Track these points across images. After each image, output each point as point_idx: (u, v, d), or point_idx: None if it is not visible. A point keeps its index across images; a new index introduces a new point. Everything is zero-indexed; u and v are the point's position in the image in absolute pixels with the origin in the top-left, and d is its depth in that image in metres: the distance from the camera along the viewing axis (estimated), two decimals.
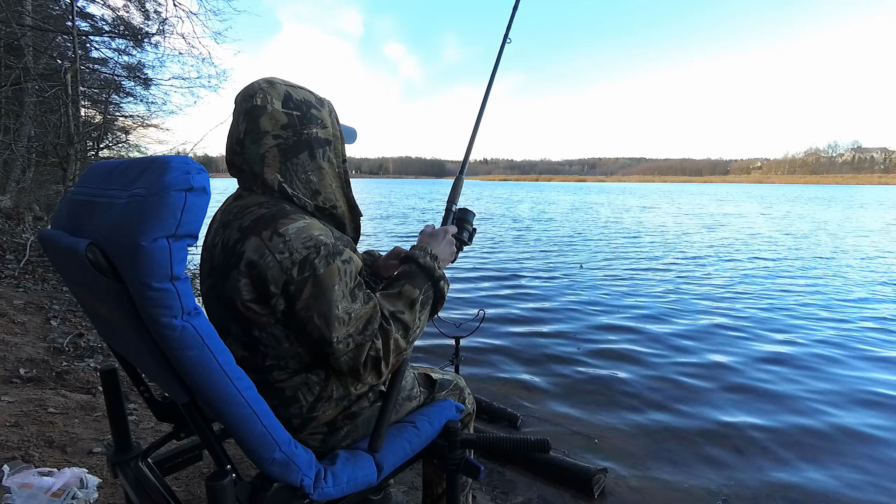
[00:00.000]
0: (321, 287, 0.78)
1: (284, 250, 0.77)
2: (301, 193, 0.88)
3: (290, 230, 0.78)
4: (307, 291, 0.78)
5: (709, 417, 2.46)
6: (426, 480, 1.30)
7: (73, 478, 1.40)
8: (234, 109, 0.89)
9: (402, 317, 0.88)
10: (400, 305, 0.90)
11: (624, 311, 4.45)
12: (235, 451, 1.65)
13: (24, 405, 1.98)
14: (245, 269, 0.78)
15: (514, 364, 3.15)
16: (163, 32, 6.79)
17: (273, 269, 0.77)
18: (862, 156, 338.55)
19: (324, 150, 0.91)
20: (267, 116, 0.84)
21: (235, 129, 0.87)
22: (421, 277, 0.94)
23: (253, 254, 0.77)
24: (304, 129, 0.88)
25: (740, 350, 3.44)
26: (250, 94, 0.86)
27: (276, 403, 0.86)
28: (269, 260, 0.77)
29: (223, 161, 0.92)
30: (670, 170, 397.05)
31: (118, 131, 8.90)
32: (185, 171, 0.60)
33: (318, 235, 0.80)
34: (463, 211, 1.19)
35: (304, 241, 0.78)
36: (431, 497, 1.29)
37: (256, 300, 0.80)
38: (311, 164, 0.89)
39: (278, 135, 0.85)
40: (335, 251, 0.80)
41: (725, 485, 1.91)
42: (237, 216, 0.83)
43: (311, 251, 0.78)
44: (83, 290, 0.77)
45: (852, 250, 8.62)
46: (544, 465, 1.94)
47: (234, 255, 0.80)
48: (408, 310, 0.90)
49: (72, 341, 2.81)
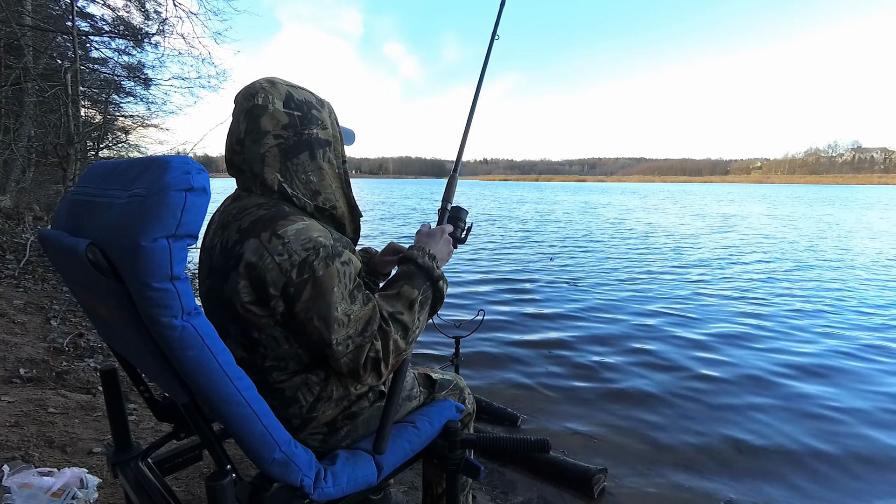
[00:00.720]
0: (320, 289, 0.78)
1: (283, 252, 0.77)
2: (301, 194, 0.88)
3: (290, 232, 0.78)
4: (306, 293, 0.78)
5: (710, 418, 2.46)
6: (426, 480, 1.30)
7: (73, 478, 1.40)
8: (235, 108, 0.88)
9: (402, 317, 0.88)
10: (399, 306, 0.89)
11: (626, 311, 4.45)
12: (235, 451, 1.65)
13: (24, 405, 1.98)
14: (244, 270, 0.78)
15: (514, 364, 3.15)
16: (163, 32, 6.80)
17: (272, 271, 0.77)
18: (862, 156, 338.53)
19: (324, 151, 0.91)
20: (268, 116, 0.84)
21: (236, 129, 0.87)
22: (420, 278, 0.94)
23: (252, 256, 0.77)
24: (305, 129, 0.87)
25: (741, 350, 3.44)
26: (251, 93, 0.85)
27: (276, 404, 0.86)
28: (268, 262, 0.77)
29: (223, 161, 0.92)
30: (670, 170, 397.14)
31: (118, 131, 8.90)
32: (185, 171, 0.60)
33: (318, 237, 0.80)
34: (456, 209, 1.19)
35: (303, 243, 0.78)
36: (431, 497, 1.29)
37: (255, 302, 0.80)
38: (312, 164, 0.89)
39: (279, 135, 0.85)
40: (334, 253, 0.80)
41: (726, 486, 1.91)
42: (236, 217, 0.83)
43: (310, 253, 0.78)
44: (83, 290, 0.77)
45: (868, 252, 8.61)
46: (544, 465, 1.94)
47: (232, 257, 0.79)
48: (407, 310, 0.89)
49: (72, 341, 2.81)
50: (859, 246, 9.27)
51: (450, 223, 1.16)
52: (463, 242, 1.17)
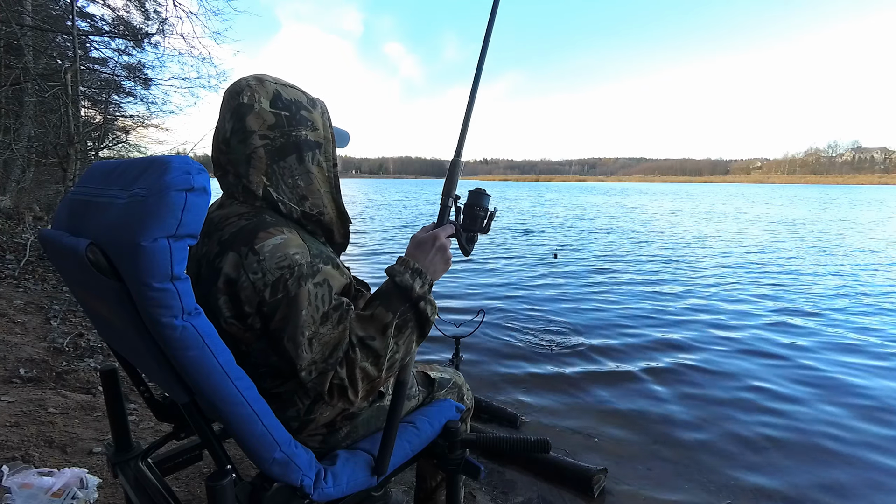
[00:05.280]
0: (291, 310, 0.75)
1: (258, 271, 0.75)
2: (287, 199, 0.85)
3: (266, 248, 0.75)
4: (279, 314, 0.76)
5: (711, 418, 2.46)
6: (419, 474, 1.30)
7: (73, 478, 1.40)
8: (222, 106, 0.85)
9: (372, 343, 0.81)
10: (371, 330, 0.82)
11: (628, 312, 4.45)
12: (235, 451, 1.65)
13: (24, 405, 1.98)
14: (223, 286, 0.77)
15: (514, 364, 3.15)
16: (163, 32, 6.81)
17: (247, 289, 0.75)
18: (862, 156, 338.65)
19: (313, 154, 0.87)
20: (253, 115, 0.81)
21: (222, 127, 0.84)
22: (397, 299, 0.84)
23: (231, 271, 0.76)
24: (293, 130, 0.84)
25: (743, 351, 3.44)
26: (237, 90, 0.82)
27: (274, 407, 0.86)
28: (243, 280, 0.75)
29: None
30: (670, 170, 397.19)
31: (118, 131, 8.91)
32: (185, 171, 0.60)
33: (294, 254, 0.77)
34: (476, 196, 0.98)
35: (278, 261, 0.75)
36: (425, 491, 1.29)
37: (235, 317, 0.79)
38: (300, 167, 0.85)
39: (265, 135, 0.82)
40: (309, 273, 0.77)
41: (727, 486, 1.91)
42: (218, 227, 0.81)
43: (284, 272, 0.75)
44: (83, 290, 0.77)
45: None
46: (544, 465, 1.94)
47: (213, 270, 0.78)
48: (379, 335, 0.82)
49: (72, 341, 2.81)
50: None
51: (465, 213, 0.98)
52: (485, 232, 0.99)
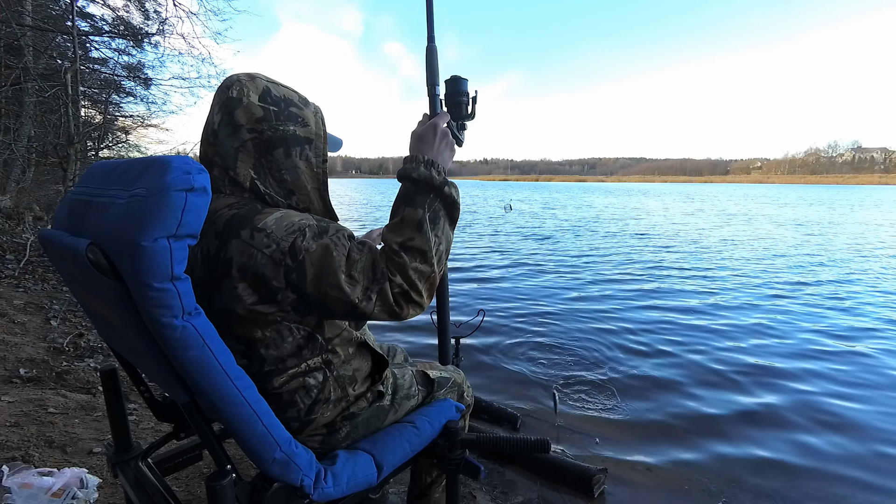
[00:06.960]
0: (321, 263, 0.76)
1: (270, 243, 0.75)
2: (274, 192, 0.86)
3: (269, 223, 0.76)
4: (310, 272, 0.76)
5: (711, 419, 2.46)
6: (414, 469, 1.29)
7: (73, 478, 1.40)
8: (212, 100, 0.86)
9: (413, 243, 0.83)
10: (407, 232, 0.83)
11: (629, 313, 4.45)
12: (235, 451, 1.65)
13: (24, 405, 1.98)
14: (238, 274, 0.76)
15: (514, 364, 3.15)
16: (163, 32, 6.80)
17: (267, 266, 0.75)
18: (862, 156, 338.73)
19: (301, 149, 0.87)
20: (242, 109, 0.82)
21: (211, 120, 0.85)
22: (421, 193, 0.86)
23: (241, 257, 0.75)
24: (281, 125, 0.84)
25: (743, 352, 3.44)
26: (227, 85, 0.84)
27: (274, 408, 0.86)
28: (258, 258, 0.75)
29: None
30: (670, 170, 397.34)
31: (118, 131, 8.92)
32: (185, 171, 0.60)
33: (299, 220, 0.78)
34: (453, 83, 1.00)
35: (286, 228, 0.76)
36: (419, 487, 1.29)
37: (261, 301, 0.78)
38: (286, 161, 0.86)
39: (253, 128, 0.83)
40: (321, 230, 0.79)
41: (726, 486, 1.91)
42: (209, 221, 0.80)
43: (296, 236, 0.76)
44: (83, 290, 0.77)
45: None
46: (544, 465, 1.94)
47: (220, 263, 0.77)
48: (417, 234, 0.83)
49: (72, 341, 2.81)
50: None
51: (447, 101, 0.99)
52: (472, 118, 0.99)
